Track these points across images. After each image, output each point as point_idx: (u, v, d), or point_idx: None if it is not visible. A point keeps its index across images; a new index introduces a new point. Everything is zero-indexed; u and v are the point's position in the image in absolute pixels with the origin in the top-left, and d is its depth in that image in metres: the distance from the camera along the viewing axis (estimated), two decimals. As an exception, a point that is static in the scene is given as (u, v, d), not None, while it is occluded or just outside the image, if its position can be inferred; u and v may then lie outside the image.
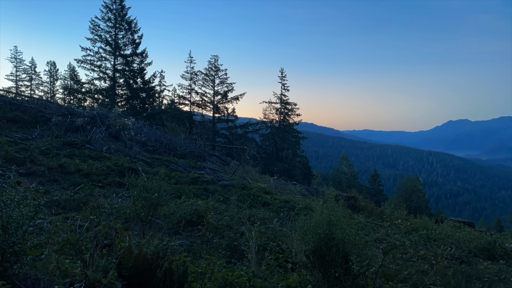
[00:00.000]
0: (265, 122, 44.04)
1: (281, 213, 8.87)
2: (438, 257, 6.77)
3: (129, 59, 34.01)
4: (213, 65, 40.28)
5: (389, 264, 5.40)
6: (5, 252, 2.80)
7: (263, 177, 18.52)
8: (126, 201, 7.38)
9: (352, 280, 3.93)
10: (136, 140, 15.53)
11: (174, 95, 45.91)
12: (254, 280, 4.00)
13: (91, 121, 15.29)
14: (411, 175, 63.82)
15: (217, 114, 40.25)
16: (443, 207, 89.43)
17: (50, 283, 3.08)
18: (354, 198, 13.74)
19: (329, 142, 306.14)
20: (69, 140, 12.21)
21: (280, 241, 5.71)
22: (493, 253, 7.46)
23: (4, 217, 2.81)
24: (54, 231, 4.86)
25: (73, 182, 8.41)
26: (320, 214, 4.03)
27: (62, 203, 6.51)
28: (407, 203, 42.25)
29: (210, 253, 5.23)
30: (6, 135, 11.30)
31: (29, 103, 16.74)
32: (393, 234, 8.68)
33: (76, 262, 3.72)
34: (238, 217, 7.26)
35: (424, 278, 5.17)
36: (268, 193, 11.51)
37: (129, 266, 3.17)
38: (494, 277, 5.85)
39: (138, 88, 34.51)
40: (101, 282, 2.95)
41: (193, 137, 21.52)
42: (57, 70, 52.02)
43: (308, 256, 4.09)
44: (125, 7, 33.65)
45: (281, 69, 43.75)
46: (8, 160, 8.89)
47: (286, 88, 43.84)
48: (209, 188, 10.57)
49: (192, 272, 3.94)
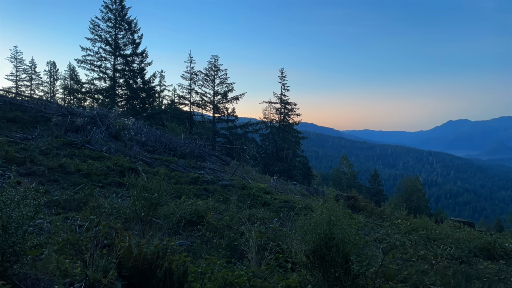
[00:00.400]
0: (265, 122, 44.05)
1: (281, 213, 8.87)
2: (438, 257, 6.78)
3: (129, 59, 34.01)
4: (213, 65, 40.29)
5: (389, 264, 5.40)
6: (5, 252, 2.80)
7: (263, 177, 18.53)
8: (126, 201, 7.38)
9: (352, 280, 3.93)
10: (136, 140, 15.53)
11: (174, 95, 45.94)
12: (254, 280, 4.00)
13: (91, 121, 15.29)
14: (411, 175, 63.84)
15: (217, 114, 40.26)
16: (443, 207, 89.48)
17: (50, 283, 3.08)
18: (354, 198, 13.75)
19: (329, 142, 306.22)
20: (69, 140, 12.21)
21: (280, 241, 5.71)
22: (493, 253, 7.47)
23: (4, 217, 2.81)
24: (54, 231, 4.86)
25: (73, 182, 8.41)
26: (320, 214, 4.03)
27: (62, 203, 6.51)
28: (407, 203, 42.26)
29: (210, 253, 5.23)
30: (6, 135, 11.31)
31: (29, 103, 16.74)
32: (393, 234, 8.68)
33: (76, 262, 3.72)
34: (238, 217, 7.26)
35: (424, 278, 5.17)
36: (268, 193, 11.51)
37: (129, 266, 3.17)
38: (494, 277, 5.85)
39: (138, 88, 34.51)
40: (101, 282, 2.95)
41: (193, 137, 21.52)
42: (57, 70, 52.05)
43: (308, 256, 4.09)
44: (125, 7, 33.66)
45: (281, 69, 43.80)
46: (8, 160, 8.89)
47: (286, 88, 43.89)
48: (209, 188, 10.57)
49: (192, 272, 3.94)
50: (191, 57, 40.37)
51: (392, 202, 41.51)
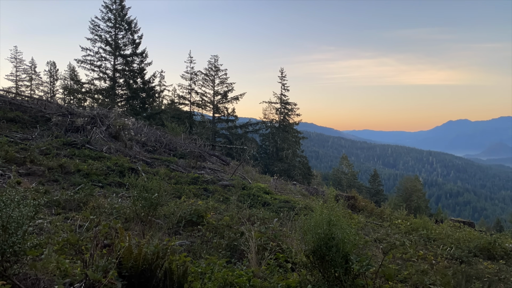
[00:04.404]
0: (265, 122, 44.05)
1: (281, 213, 8.87)
2: (438, 257, 6.78)
3: (129, 59, 34.00)
4: (213, 65, 40.30)
5: (389, 264, 5.39)
6: (5, 252, 2.80)
7: (263, 177, 18.52)
8: (126, 201, 7.38)
9: (352, 280, 3.93)
10: (136, 140, 15.53)
11: (174, 95, 45.91)
12: (254, 280, 4.00)
13: (91, 121, 15.28)
14: (411, 175, 63.84)
15: (217, 114, 40.26)
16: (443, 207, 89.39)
17: (50, 283, 3.08)
18: (354, 198, 13.75)
19: (329, 142, 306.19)
20: (69, 140, 12.21)
21: (280, 241, 5.71)
22: (493, 253, 7.47)
23: (4, 217, 2.81)
24: (54, 231, 4.86)
25: (73, 182, 8.41)
26: (320, 214, 4.03)
27: (62, 203, 6.51)
28: (407, 203, 42.30)
29: (210, 253, 5.23)
30: (6, 135, 11.30)
31: (29, 103, 16.73)
32: (393, 234, 8.69)
33: (76, 262, 3.73)
34: (238, 217, 7.26)
35: (424, 278, 5.17)
36: (268, 193, 11.51)
37: (129, 266, 3.17)
38: (494, 277, 5.85)
39: (138, 88, 34.49)
40: (101, 282, 2.95)
41: (193, 137, 21.51)
42: (57, 70, 52.04)
43: (308, 256, 4.09)
44: (125, 7, 33.65)
45: (281, 69, 43.82)
46: (8, 160, 8.89)
47: (286, 88, 43.89)
48: (209, 188, 10.57)
49: (192, 272, 3.94)
50: (191, 57, 40.41)
51: (392, 202, 41.59)
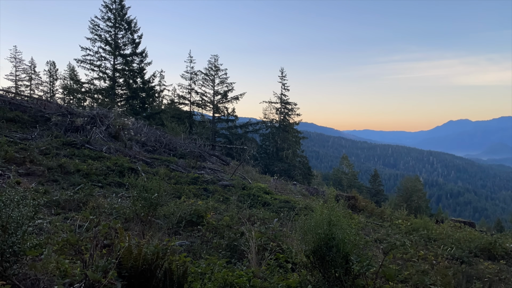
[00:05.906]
0: (265, 122, 44.02)
1: (281, 213, 8.86)
2: (439, 257, 6.77)
3: (128, 59, 33.99)
4: (213, 64, 40.27)
5: (390, 264, 5.39)
6: (5, 252, 2.79)
7: (263, 177, 18.51)
8: (126, 201, 7.37)
9: (353, 280, 3.92)
10: (136, 140, 15.52)
11: (174, 95, 45.91)
12: (254, 280, 3.99)
13: (90, 121, 15.28)
14: (411, 175, 63.80)
15: (217, 114, 40.23)
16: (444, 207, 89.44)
17: (49, 283, 3.07)
18: (355, 198, 13.73)
19: (329, 142, 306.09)
20: (68, 140, 12.20)
21: (280, 241, 5.70)
22: (494, 253, 7.46)
23: (4, 217, 2.80)
24: (53, 231, 4.85)
25: (73, 182, 8.40)
26: (320, 214, 4.02)
27: (61, 203, 6.50)
28: (407, 203, 42.28)
29: (210, 253, 5.22)
30: (5, 135, 11.29)
31: (28, 103, 16.72)
32: (393, 234, 8.67)
33: (76, 262, 3.72)
34: (238, 217, 7.25)
35: (424, 278, 5.16)
36: (268, 193, 11.50)
37: (129, 266, 3.16)
38: (495, 277, 5.84)
39: (138, 88, 34.48)
40: (101, 282, 2.94)
41: (193, 137, 21.52)
42: (57, 70, 52.00)
43: (308, 256, 4.08)
44: (125, 6, 33.64)
45: (281, 68, 43.79)
46: (8, 160, 8.88)
47: (286, 88, 43.86)
48: (209, 188, 10.56)
49: (192, 272, 3.93)
50: (191, 57, 40.39)
51: (392, 202, 41.55)
